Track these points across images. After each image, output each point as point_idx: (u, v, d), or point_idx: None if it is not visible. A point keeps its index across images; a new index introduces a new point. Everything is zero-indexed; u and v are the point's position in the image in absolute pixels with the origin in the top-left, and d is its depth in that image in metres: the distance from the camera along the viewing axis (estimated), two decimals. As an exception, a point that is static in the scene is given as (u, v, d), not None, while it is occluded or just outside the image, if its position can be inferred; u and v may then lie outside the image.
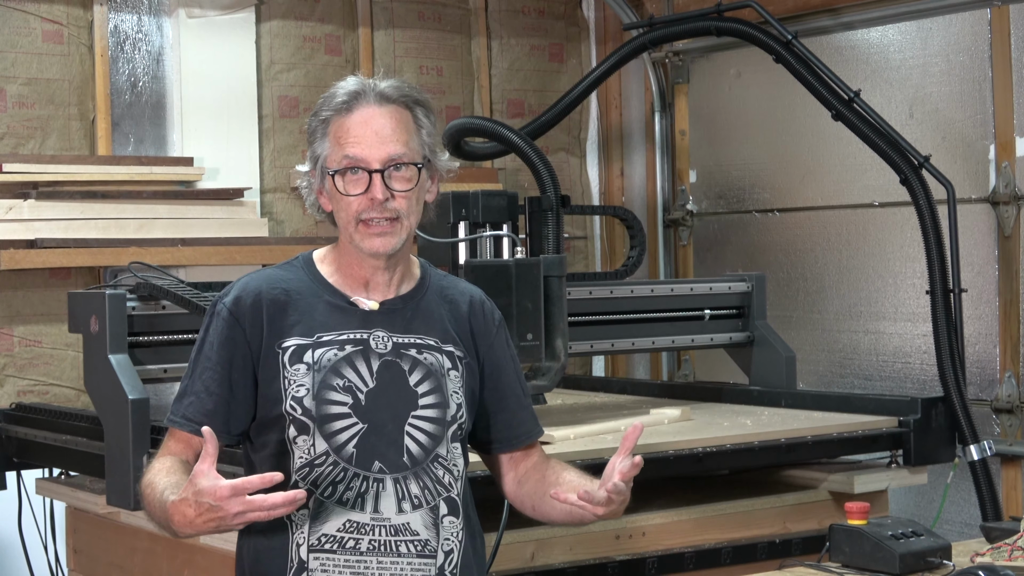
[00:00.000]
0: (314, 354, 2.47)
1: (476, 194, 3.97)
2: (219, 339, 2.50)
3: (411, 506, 2.46)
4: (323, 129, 2.50)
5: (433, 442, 2.51)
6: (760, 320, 4.57)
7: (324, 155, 2.50)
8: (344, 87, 2.50)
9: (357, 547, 2.43)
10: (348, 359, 2.48)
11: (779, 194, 5.42)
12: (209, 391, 2.48)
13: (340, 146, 2.47)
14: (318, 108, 2.53)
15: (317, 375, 2.46)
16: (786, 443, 3.82)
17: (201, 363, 2.51)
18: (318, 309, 2.51)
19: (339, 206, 2.49)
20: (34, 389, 4.65)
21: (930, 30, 4.87)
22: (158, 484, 2.39)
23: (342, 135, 2.48)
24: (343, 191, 2.47)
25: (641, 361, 5.93)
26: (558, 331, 3.82)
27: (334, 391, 2.46)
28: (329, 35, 5.29)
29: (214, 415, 2.47)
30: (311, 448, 2.44)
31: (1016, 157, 4.60)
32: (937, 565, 2.82)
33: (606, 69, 4.97)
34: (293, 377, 2.46)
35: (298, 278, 2.54)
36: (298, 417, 2.45)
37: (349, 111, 2.48)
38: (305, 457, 2.44)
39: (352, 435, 2.45)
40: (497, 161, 5.46)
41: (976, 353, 4.67)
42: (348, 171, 2.46)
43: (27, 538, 4.10)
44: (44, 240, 4.55)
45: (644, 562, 3.52)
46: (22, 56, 4.71)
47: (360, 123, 2.48)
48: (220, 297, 2.54)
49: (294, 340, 2.48)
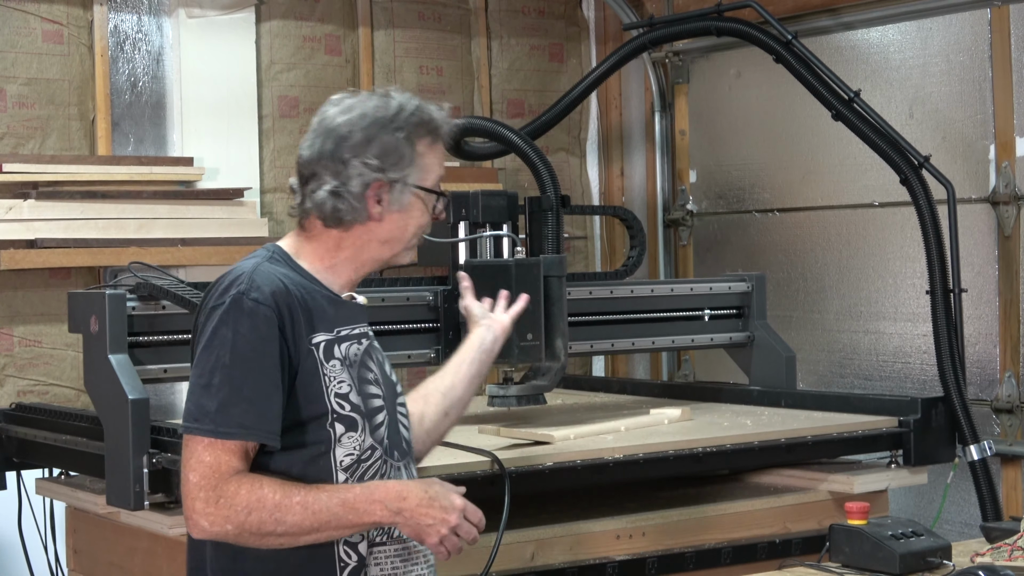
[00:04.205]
0: (341, 348, 2.49)
1: (476, 194, 3.97)
2: (259, 337, 2.38)
3: None
4: (412, 144, 2.53)
5: (410, 427, 2.62)
6: (760, 320, 4.57)
7: (413, 173, 2.53)
8: (437, 114, 2.57)
9: (400, 535, 2.49)
10: (367, 352, 2.54)
11: (779, 194, 5.42)
12: (267, 393, 2.38)
13: (434, 170, 2.57)
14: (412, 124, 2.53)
15: (352, 370, 2.48)
16: (786, 443, 3.82)
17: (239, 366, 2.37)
18: (323, 304, 2.51)
19: (408, 222, 2.56)
20: (34, 389, 4.65)
21: (930, 30, 4.87)
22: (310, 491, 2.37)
23: (436, 160, 2.57)
24: (433, 211, 2.58)
25: (641, 361, 5.93)
26: (558, 331, 3.82)
27: (370, 384, 2.51)
28: (329, 35, 5.29)
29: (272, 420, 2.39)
30: (360, 444, 2.46)
31: (1016, 157, 4.60)
32: (937, 565, 2.82)
33: (606, 69, 4.97)
34: (332, 373, 2.46)
35: (292, 273, 2.51)
36: (346, 414, 2.45)
37: (440, 138, 2.58)
38: (355, 453, 2.46)
39: (386, 426, 2.51)
40: (497, 161, 5.45)
41: (976, 353, 4.67)
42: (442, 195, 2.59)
43: (27, 538, 4.10)
44: (44, 240, 4.55)
45: (644, 562, 3.53)
46: (22, 56, 4.71)
47: (443, 153, 2.61)
48: (242, 292, 2.40)
49: (321, 336, 2.47)
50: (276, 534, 2.36)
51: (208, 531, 2.36)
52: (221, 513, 2.34)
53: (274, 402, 2.38)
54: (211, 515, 2.35)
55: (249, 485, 2.35)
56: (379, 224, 2.53)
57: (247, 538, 2.36)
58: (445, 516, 2.42)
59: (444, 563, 2.53)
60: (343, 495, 2.39)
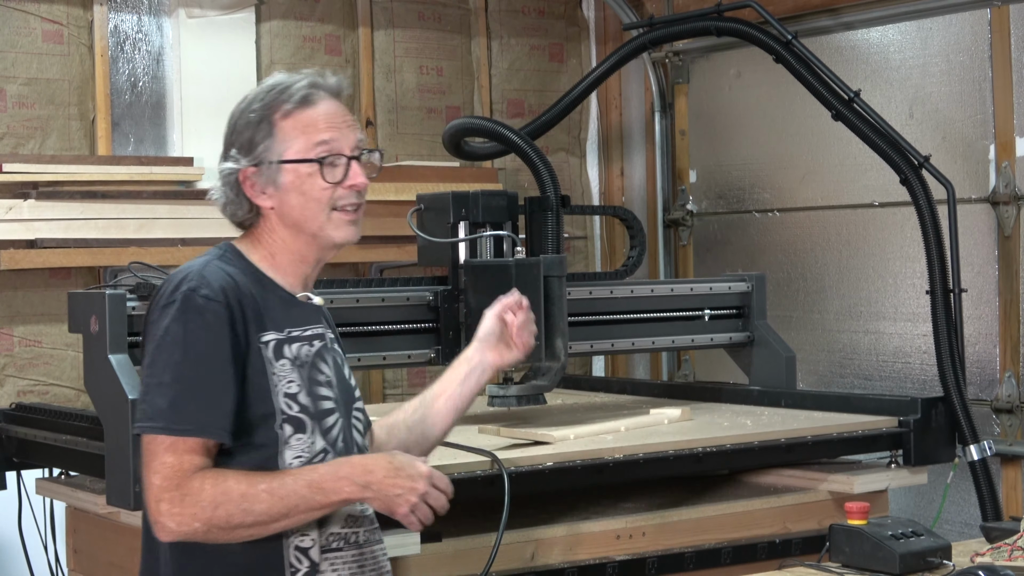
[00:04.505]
0: (291, 348, 2.44)
1: (476, 194, 3.97)
2: (208, 334, 2.36)
3: None
4: (272, 121, 2.46)
5: (364, 433, 2.59)
6: (760, 320, 4.57)
7: (278, 149, 2.46)
8: (299, 82, 2.49)
9: (357, 540, 2.47)
10: (319, 353, 2.49)
11: (779, 194, 5.42)
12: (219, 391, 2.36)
13: (308, 136, 2.46)
14: (266, 103, 2.48)
15: (302, 371, 2.44)
16: (786, 443, 3.82)
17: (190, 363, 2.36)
18: (274, 303, 2.47)
19: (307, 198, 2.46)
20: (34, 389, 4.65)
21: (930, 30, 4.87)
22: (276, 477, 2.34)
23: (308, 125, 2.46)
24: (326, 179, 2.45)
25: (641, 361, 5.93)
26: (558, 331, 3.82)
27: (321, 386, 2.47)
28: (329, 35, 5.29)
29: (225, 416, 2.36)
30: (310, 445, 2.42)
31: (1016, 157, 4.60)
32: (937, 565, 2.82)
33: (606, 69, 4.97)
34: (281, 372, 2.42)
35: (242, 271, 2.48)
36: (294, 415, 2.41)
37: (312, 103, 2.47)
38: (304, 455, 2.41)
39: (339, 429, 2.48)
40: (497, 161, 5.45)
41: (976, 353, 4.67)
42: (326, 159, 2.46)
43: (27, 538, 4.09)
44: (44, 240, 4.55)
45: (644, 562, 3.52)
46: (22, 56, 4.71)
47: (328, 113, 2.48)
48: (192, 289, 2.38)
49: (271, 335, 2.43)
50: (246, 525, 2.32)
51: (176, 532, 2.31)
52: (188, 512, 2.30)
53: (226, 400, 2.35)
54: (177, 515, 2.30)
55: (213, 479, 2.32)
56: (277, 211, 2.49)
57: (217, 533, 2.31)
58: (413, 484, 2.38)
59: (444, 563, 2.52)
60: (309, 476, 2.36)
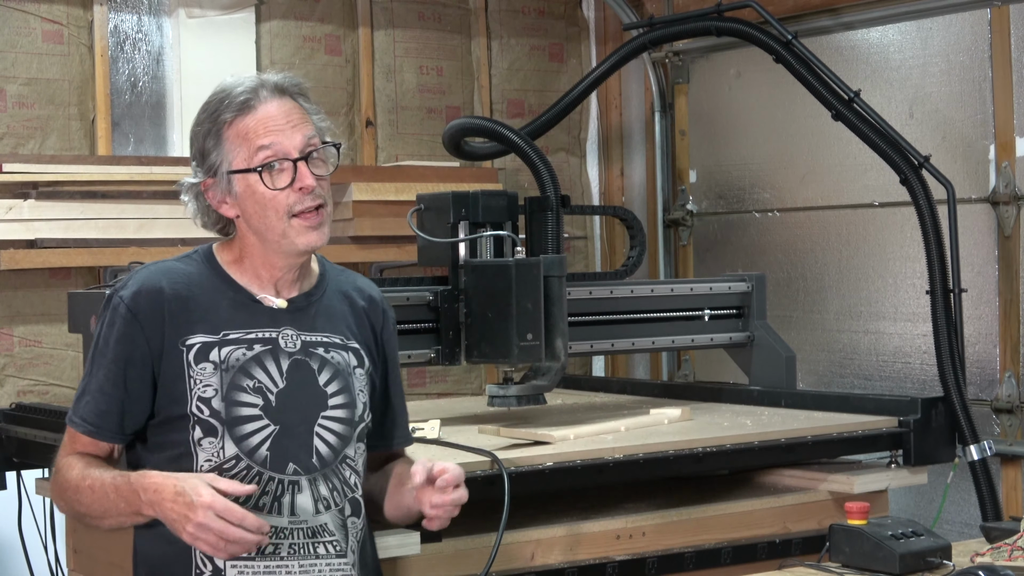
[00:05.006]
0: (221, 353, 2.41)
1: (476, 194, 3.97)
2: (115, 335, 2.41)
3: (324, 507, 2.44)
4: (218, 132, 2.44)
5: (342, 443, 2.49)
6: (760, 320, 4.57)
7: (227, 159, 2.43)
8: (239, 87, 2.44)
9: (277, 552, 2.39)
10: (257, 359, 2.43)
11: (779, 194, 5.42)
12: (103, 390, 2.40)
13: (249, 142, 2.41)
14: (211, 114, 2.45)
15: (226, 375, 2.40)
16: (786, 443, 3.82)
17: (97, 360, 2.42)
18: (222, 305, 2.45)
19: (262, 206, 2.42)
20: (34, 389, 4.65)
21: (930, 30, 4.87)
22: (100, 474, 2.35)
23: (249, 132, 2.42)
24: (271, 186, 2.41)
25: (641, 361, 5.93)
26: (558, 331, 3.82)
27: (244, 392, 2.40)
28: (329, 35, 5.29)
29: (108, 415, 2.41)
30: (219, 451, 2.38)
31: (1016, 157, 4.60)
32: (937, 565, 2.82)
33: (606, 69, 4.97)
34: (199, 377, 2.39)
35: (200, 272, 2.48)
36: (205, 419, 2.38)
37: (251, 108, 2.43)
38: (213, 460, 2.38)
39: (264, 437, 2.40)
40: (497, 161, 5.45)
41: (976, 353, 4.67)
42: (270, 165, 2.41)
43: (27, 538, 4.10)
44: (44, 240, 4.55)
45: (644, 562, 3.52)
46: (22, 56, 4.71)
47: (268, 116, 2.43)
48: (116, 290, 2.44)
49: (199, 338, 2.41)
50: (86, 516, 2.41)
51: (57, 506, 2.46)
52: (53, 490, 2.44)
53: (112, 400, 2.38)
54: (51, 491, 2.45)
55: (69, 465, 2.40)
56: (243, 218, 2.46)
57: (74, 517, 2.46)
58: (188, 512, 2.25)
59: (444, 563, 2.50)
60: (118, 481, 2.34)
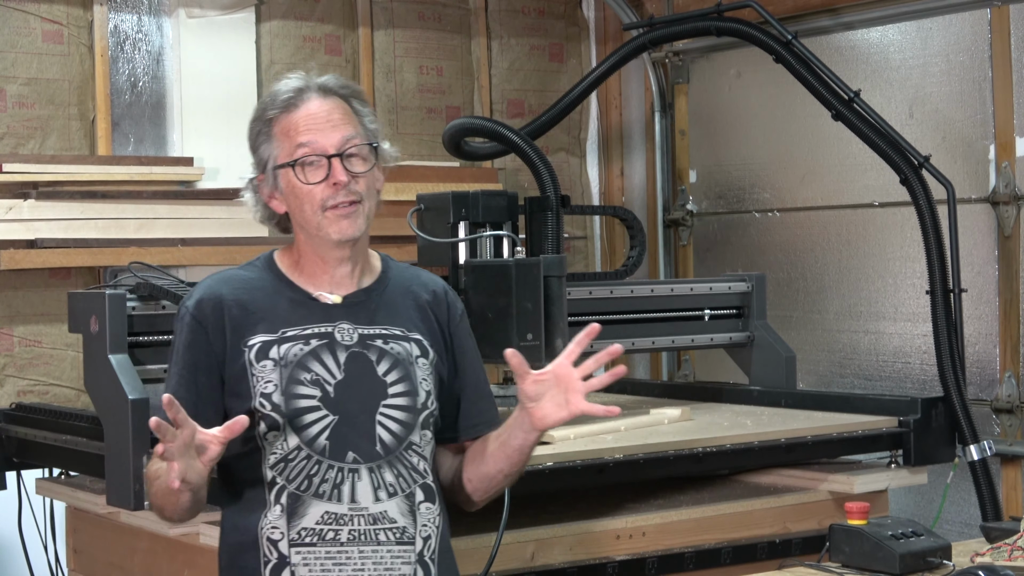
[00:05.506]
0: (280, 349, 2.52)
1: (476, 194, 3.97)
2: (184, 343, 2.56)
3: (387, 494, 2.50)
4: (268, 130, 2.58)
5: (405, 430, 2.55)
6: (760, 320, 4.57)
7: (274, 155, 2.57)
8: (286, 86, 2.59)
9: (337, 538, 2.47)
10: (314, 352, 2.53)
11: (779, 194, 5.42)
12: (177, 395, 2.47)
13: (291, 139, 2.54)
14: (260, 111, 2.60)
15: (284, 370, 2.50)
16: (786, 443, 3.82)
17: (171, 368, 2.58)
18: (281, 306, 2.56)
19: (300, 200, 2.54)
20: (34, 389, 4.65)
21: (930, 30, 4.87)
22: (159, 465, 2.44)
23: (291, 129, 2.55)
24: (304, 181, 2.52)
25: (641, 361, 5.93)
26: (558, 331, 3.82)
27: (302, 385, 2.50)
28: (329, 35, 5.29)
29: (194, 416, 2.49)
30: (283, 443, 2.49)
31: (1016, 157, 4.60)
32: (937, 565, 2.82)
33: (606, 69, 4.97)
34: (261, 374, 2.51)
35: (260, 277, 2.61)
36: (268, 413, 2.49)
37: (295, 106, 2.56)
38: (279, 453, 2.49)
39: (324, 427, 2.50)
40: (497, 161, 5.45)
41: (976, 353, 4.67)
42: (306, 160, 2.53)
43: (27, 538, 4.10)
44: (44, 240, 4.55)
45: (644, 562, 3.52)
46: (22, 56, 4.70)
47: (308, 114, 2.55)
48: (183, 301, 2.60)
49: (260, 337, 2.53)
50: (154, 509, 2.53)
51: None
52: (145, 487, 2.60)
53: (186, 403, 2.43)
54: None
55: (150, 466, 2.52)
56: (291, 214, 2.59)
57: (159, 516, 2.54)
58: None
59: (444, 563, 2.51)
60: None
